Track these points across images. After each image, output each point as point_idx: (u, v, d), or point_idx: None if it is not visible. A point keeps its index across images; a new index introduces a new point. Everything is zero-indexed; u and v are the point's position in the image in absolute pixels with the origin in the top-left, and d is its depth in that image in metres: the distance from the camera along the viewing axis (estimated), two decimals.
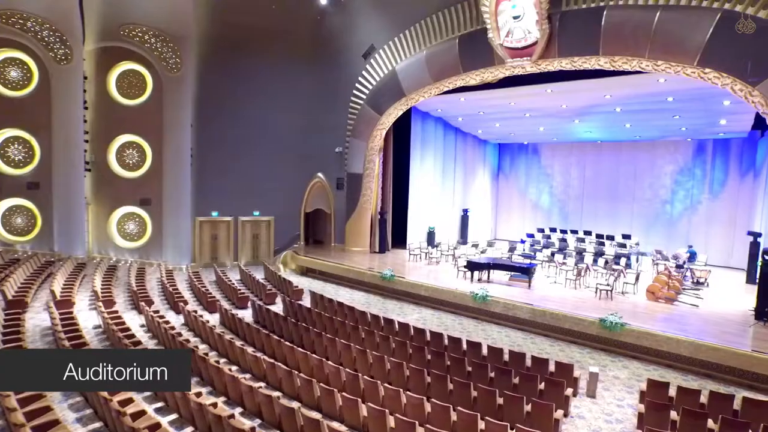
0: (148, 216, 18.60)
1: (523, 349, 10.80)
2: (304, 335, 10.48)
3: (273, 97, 20.10)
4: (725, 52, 10.94)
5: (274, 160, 20.47)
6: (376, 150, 19.03)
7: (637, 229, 21.33)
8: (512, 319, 12.45)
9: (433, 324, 12.71)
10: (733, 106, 14.56)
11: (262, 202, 20.66)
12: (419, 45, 16.35)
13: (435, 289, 14.19)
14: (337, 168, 20.46)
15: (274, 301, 14.41)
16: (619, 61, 12.29)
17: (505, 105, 17.67)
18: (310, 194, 21.47)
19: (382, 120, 18.29)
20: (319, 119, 20.48)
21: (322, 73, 20.20)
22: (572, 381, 8.32)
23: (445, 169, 22.98)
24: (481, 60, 14.71)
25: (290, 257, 19.82)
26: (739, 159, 19.32)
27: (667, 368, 10.00)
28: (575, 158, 24.14)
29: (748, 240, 16.23)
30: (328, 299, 12.94)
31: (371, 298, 15.39)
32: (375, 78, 18.04)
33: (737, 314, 12.04)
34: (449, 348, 9.79)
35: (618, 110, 16.45)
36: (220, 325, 11.96)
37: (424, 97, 16.98)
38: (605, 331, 10.67)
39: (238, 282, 16.95)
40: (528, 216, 26.11)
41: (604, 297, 13.15)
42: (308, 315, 11.94)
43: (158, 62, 17.64)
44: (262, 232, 21.09)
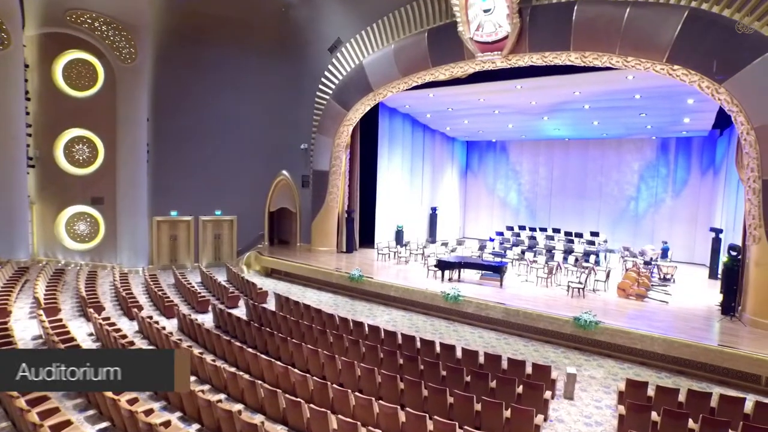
0: (100, 216, 17.44)
1: (497, 351, 10.53)
2: (268, 341, 9.87)
3: (235, 91, 19.29)
4: (693, 50, 10.96)
5: (237, 157, 19.65)
6: (342, 146, 18.49)
7: (604, 227, 21.60)
8: (485, 319, 12.17)
9: (404, 326, 12.31)
10: (697, 104, 14.81)
11: (224, 201, 19.80)
12: (387, 39, 15.91)
13: (405, 290, 13.78)
14: (303, 165, 19.82)
15: (236, 304, 13.69)
16: (590, 56, 12.18)
17: (475, 101, 17.46)
18: (275, 192, 20.74)
19: (348, 115, 17.78)
20: (284, 115, 19.80)
21: (286, 67, 19.51)
22: (550, 383, 8.05)
23: (414, 166, 22.66)
24: (450, 54, 14.38)
25: (254, 258, 19.06)
26: (700, 157, 19.79)
27: (641, 366, 9.91)
28: (543, 156, 24.28)
29: (709, 236, 16.57)
30: (294, 302, 12.34)
31: (339, 300, 14.86)
32: (341, 72, 17.50)
33: (704, 310, 12.15)
34: (422, 351, 9.38)
35: (586, 107, 16.48)
36: (178, 332, 11.18)
37: (392, 92, 16.56)
38: (580, 330, 10.51)
39: (199, 285, 16.11)
40: (496, 214, 26.11)
41: (576, 295, 13.05)
42: (273, 319, 11.31)
43: (110, 52, 16.49)
44: (224, 232, 20.21)
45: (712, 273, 15.94)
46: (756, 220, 10.59)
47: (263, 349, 10.01)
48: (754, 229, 10.64)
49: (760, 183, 10.50)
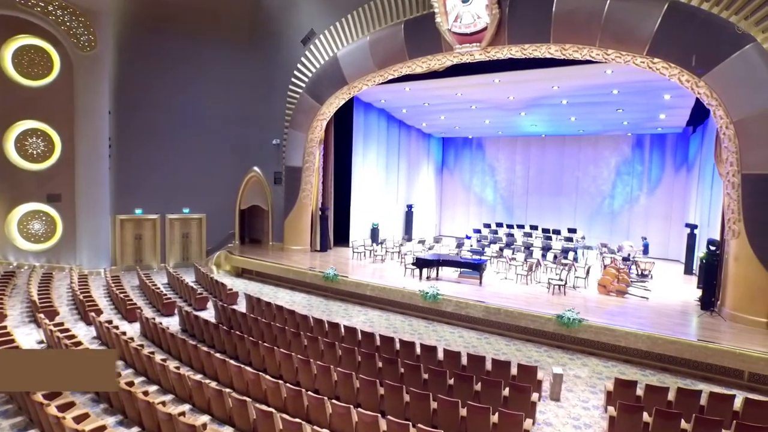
0: (57, 214, 16.38)
1: (478, 351, 10.20)
2: (238, 345, 9.26)
3: (204, 84, 18.50)
4: (673, 43, 10.83)
5: (206, 152, 18.85)
6: (316, 142, 17.90)
7: (581, 223, 21.64)
8: (465, 318, 11.81)
9: (382, 326, 11.85)
10: (673, 100, 14.83)
11: (192, 199, 18.95)
12: (362, 30, 15.40)
13: (382, 289, 13.31)
14: (275, 161, 19.14)
15: (205, 306, 12.99)
16: (570, 49, 11.96)
17: (452, 96, 17.13)
18: (246, 189, 19.99)
19: (322, 110, 17.20)
20: (255, 109, 19.10)
21: (257, 60, 18.81)
22: (536, 384, 7.72)
23: (389, 163, 22.23)
24: (428, 46, 13.99)
25: (224, 258, 18.30)
26: (673, 154, 19.97)
27: (625, 363, 9.71)
28: (520, 153, 24.20)
29: (683, 232, 16.68)
30: (266, 303, 11.73)
31: (313, 300, 14.29)
32: (315, 65, 16.92)
33: (683, 305, 12.09)
34: (402, 353, 8.93)
35: (564, 102, 16.35)
36: (141, 337, 10.45)
37: (367, 86, 16.07)
38: (563, 328, 10.25)
39: (165, 286, 15.32)
40: (473, 211, 25.93)
41: (557, 292, 12.84)
42: (243, 321, 10.69)
43: (67, 38, 15.43)
44: (192, 230, 19.35)
45: (688, 268, 16.03)
46: (735, 214, 10.53)
47: (233, 354, 9.41)
48: (733, 223, 10.58)
49: (739, 177, 10.43)
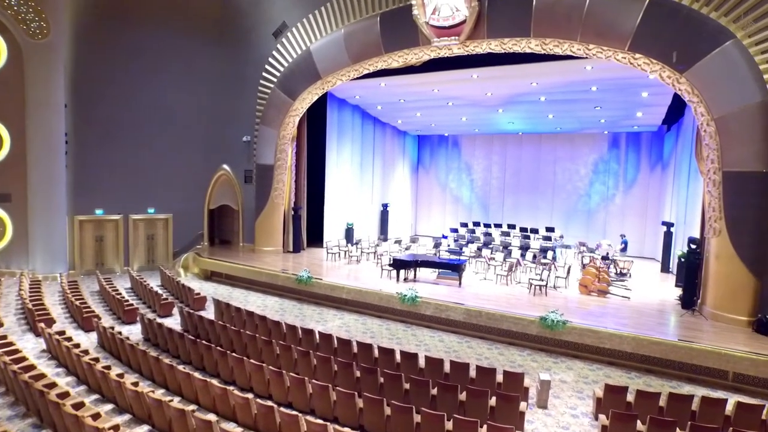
0: (7, 215, 15.19)
1: (460, 356, 9.80)
2: (204, 355, 8.60)
3: (170, 77, 17.65)
4: (655, 38, 10.64)
5: (172, 149, 17.98)
6: (288, 139, 17.23)
7: (557, 222, 21.58)
8: (445, 321, 11.40)
9: (358, 331, 11.32)
10: (651, 98, 14.78)
11: (158, 198, 18.03)
12: (337, 23, 14.84)
13: (358, 291, 12.78)
14: (245, 159, 18.39)
15: (170, 312, 12.21)
16: (551, 44, 11.67)
17: (428, 92, 16.73)
18: (215, 188, 19.16)
19: (295, 105, 16.55)
20: (225, 104, 18.33)
21: (228, 53, 18.05)
22: (523, 392, 7.33)
23: (364, 161, 21.70)
24: (404, 40, 13.51)
25: (192, 260, 17.45)
26: (648, 152, 20.07)
27: (610, 366, 9.46)
28: (496, 151, 24.01)
29: (658, 230, 16.71)
30: (236, 308, 11.05)
31: (286, 304, 13.65)
32: (287, 59, 16.26)
33: (664, 304, 11.97)
34: (381, 362, 8.43)
35: (542, 99, 16.14)
36: (98, 348, 9.65)
37: (341, 81, 15.50)
38: (546, 331, 9.93)
39: (128, 291, 14.44)
40: (449, 210, 25.64)
41: (538, 293, 12.56)
42: (211, 329, 10.00)
43: (15, 24, 14.26)
44: (158, 231, 18.41)
45: (665, 266, 16.04)
46: (716, 212, 10.41)
47: (199, 365, 8.75)
48: (714, 221, 10.46)
49: (720, 175, 10.32)
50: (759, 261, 10.04)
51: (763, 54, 9.85)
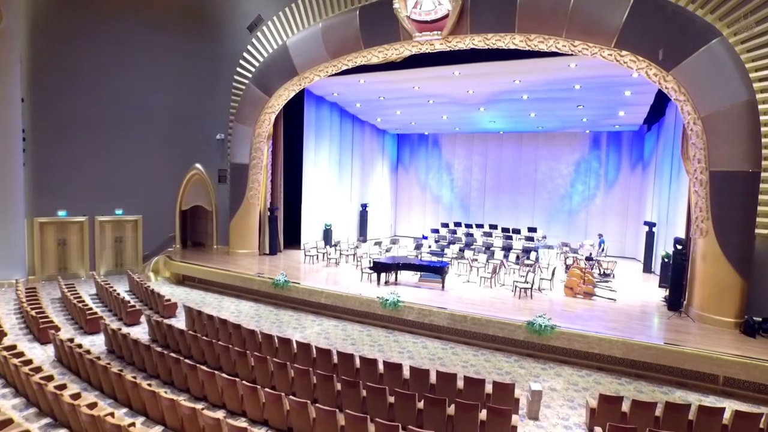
0: None
1: (444, 363, 9.40)
2: (173, 368, 7.96)
3: (139, 70, 16.80)
4: (641, 35, 10.43)
5: (142, 147, 17.13)
6: (264, 137, 16.58)
7: (539, 222, 21.42)
8: (428, 326, 10.97)
9: (338, 338, 10.81)
10: (634, 97, 14.68)
11: (126, 198, 17.15)
12: (314, 16, 14.29)
13: (337, 296, 12.26)
14: (219, 158, 17.66)
15: (137, 321, 11.48)
16: (536, 39, 11.35)
17: (408, 89, 16.32)
18: (187, 188, 18.35)
19: (271, 102, 15.93)
20: (197, 101, 17.55)
21: (200, 47, 17.28)
22: (514, 404, 6.94)
23: (342, 160, 21.17)
24: (385, 34, 13.06)
25: (163, 263, 16.66)
26: (629, 152, 20.06)
27: (599, 371, 9.17)
28: (477, 150, 23.75)
29: (639, 230, 16.64)
30: (208, 315, 10.41)
31: (262, 310, 13.04)
32: (263, 54, 15.65)
33: (650, 306, 11.82)
34: (363, 373, 7.94)
35: (525, 97, 15.89)
36: (54, 363, 8.90)
37: (319, 77, 14.94)
38: (534, 336, 9.59)
39: (93, 298, 13.62)
40: (429, 211, 25.30)
41: (524, 295, 12.24)
42: (181, 339, 9.37)
43: None
44: (127, 234, 17.52)
45: (647, 266, 15.96)
46: (703, 212, 10.24)
47: (167, 379, 8.12)
48: (701, 222, 10.29)
49: (708, 174, 10.15)
50: (745, 261, 9.92)
51: (748, 52, 9.72)
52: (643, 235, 16.28)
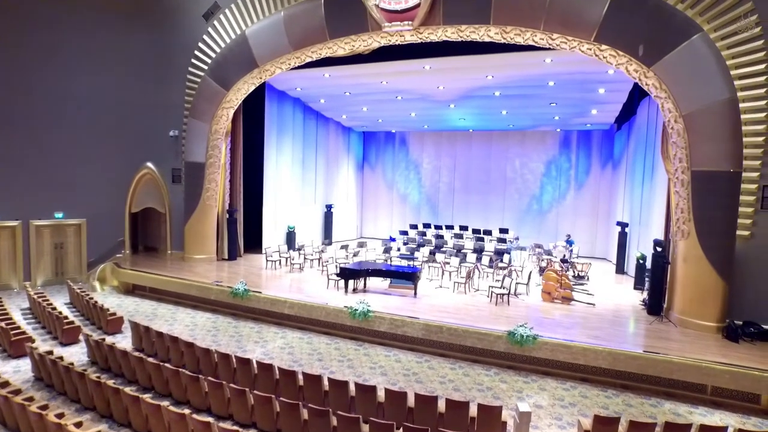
0: None
1: (421, 378, 8.67)
2: (111, 400, 6.87)
3: (81, 61, 15.36)
4: (622, 29, 9.98)
5: (86, 145, 15.69)
6: (221, 134, 15.43)
7: (509, 222, 21.03)
8: (401, 338, 10.20)
9: (303, 352, 9.89)
10: (607, 95, 14.42)
11: (67, 201, 15.63)
12: (276, 4, 13.29)
13: (302, 306, 11.31)
14: (173, 156, 16.37)
15: (75, 339, 10.20)
16: (512, 32, 10.75)
17: (376, 84, 15.52)
18: (138, 189, 16.95)
19: (229, 96, 14.80)
20: (149, 94, 16.22)
21: (152, 35, 16.00)
22: (501, 427, 6.25)
23: (306, 159, 20.17)
24: (352, 24, 12.19)
25: (110, 271, 15.26)
26: (599, 151, 19.91)
27: (584, 383, 8.63)
28: (445, 149, 23.18)
29: (610, 230, 16.43)
30: (157, 333, 9.29)
31: (220, 322, 11.95)
32: (220, 44, 14.53)
33: (630, 311, 11.43)
34: (332, 397, 7.08)
35: (497, 94, 15.35)
36: None
37: (281, 69, 13.94)
38: (515, 347, 8.96)
39: (24, 313, 12.19)
40: (396, 212, 24.57)
41: (500, 301, 11.64)
42: (124, 361, 8.24)
43: None
44: (69, 239, 15.97)
45: (619, 268, 15.73)
46: (685, 214, 9.89)
47: (105, 412, 7.03)
48: (682, 223, 9.93)
49: (689, 174, 9.80)
50: (727, 264, 9.63)
51: (728, 49, 9.42)
52: (614, 235, 16.07)
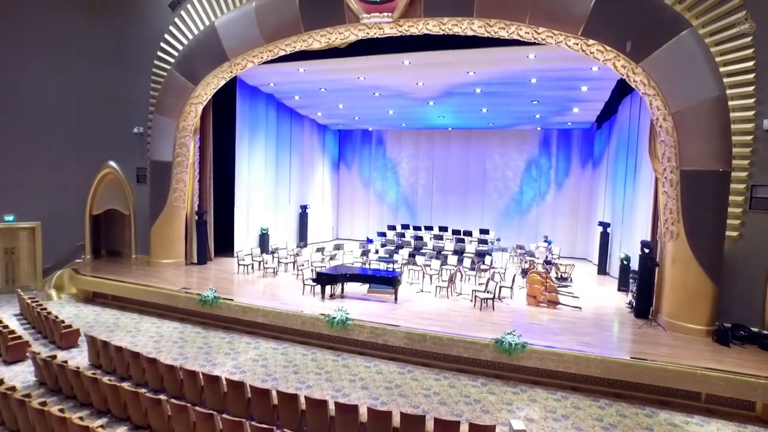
0: None
1: (404, 391, 8.11)
2: (56, 429, 6.07)
3: (36, 52, 14.30)
4: (610, 24, 9.65)
5: (39, 142, 14.66)
6: (190, 131, 14.58)
7: (489, 223, 20.70)
8: (382, 347, 9.63)
9: (278, 364, 9.21)
10: (590, 93, 14.20)
11: (19, 202, 14.54)
12: None
13: (276, 314, 10.61)
14: (137, 155, 15.41)
15: (22, 356, 9.25)
16: (496, 26, 10.31)
17: (353, 80, 14.93)
18: (99, 190, 15.93)
19: (197, 91, 13.98)
20: (110, 88, 15.28)
21: (114, 26, 15.10)
22: None
23: (279, 158, 19.40)
24: (328, 16, 11.56)
25: (68, 278, 14.22)
26: (579, 150, 19.75)
27: (575, 392, 8.21)
28: (423, 148, 22.72)
29: (590, 230, 16.22)
30: (116, 347, 8.47)
31: (188, 332, 11.14)
32: (187, 36, 13.73)
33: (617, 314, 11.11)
34: (309, 417, 6.45)
35: (478, 91, 14.93)
36: None
37: (253, 63, 13.20)
38: (503, 355, 8.49)
39: None
40: (373, 212, 23.99)
41: (485, 306, 11.17)
42: (76, 382, 7.41)
43: None
44: (21, 244, 14.84)
45: (601, 268, 15.51)
46: (674, 214, 9.61)
47: None
48: (671, 224, 9.65)
49: (678, 174, 9.52)
50: (717, 265, 9.38)
51: (717, 45, 9.17)
52: (595, 235, 15.86)
